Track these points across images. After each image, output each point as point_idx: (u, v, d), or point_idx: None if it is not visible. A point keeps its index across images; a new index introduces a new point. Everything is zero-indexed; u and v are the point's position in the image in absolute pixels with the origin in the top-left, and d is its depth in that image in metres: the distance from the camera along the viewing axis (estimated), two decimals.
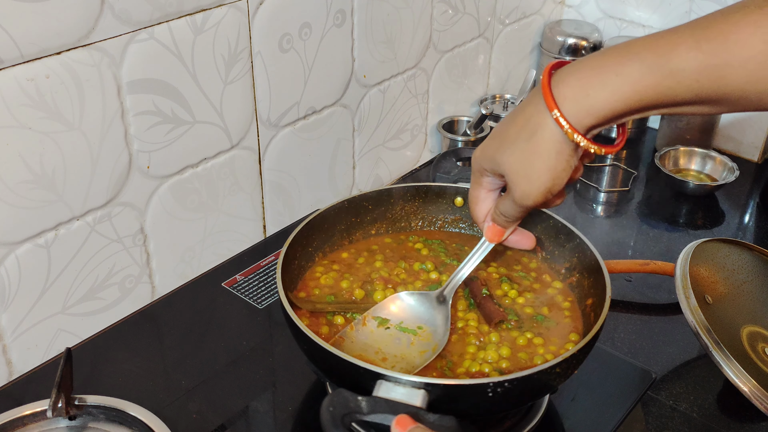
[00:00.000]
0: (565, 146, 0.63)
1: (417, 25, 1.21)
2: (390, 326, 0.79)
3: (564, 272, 0.87)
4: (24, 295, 0.85)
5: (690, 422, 0.84)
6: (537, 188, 0.66)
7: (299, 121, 1.09)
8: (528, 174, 0.65)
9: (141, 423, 0.75)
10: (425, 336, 0.78)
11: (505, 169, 0.67)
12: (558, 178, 0.65)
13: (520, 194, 0.67)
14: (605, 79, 0.60)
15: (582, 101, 0.61)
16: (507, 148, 0.66)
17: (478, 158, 0.71)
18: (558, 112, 0.61)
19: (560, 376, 0.70)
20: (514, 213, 0.72)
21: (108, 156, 0.86)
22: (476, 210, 0.76)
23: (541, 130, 0.63)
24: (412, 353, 0.76)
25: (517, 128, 0.65)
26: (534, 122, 0.63)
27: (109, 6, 0.80)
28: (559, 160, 0.64)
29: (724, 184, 1.26)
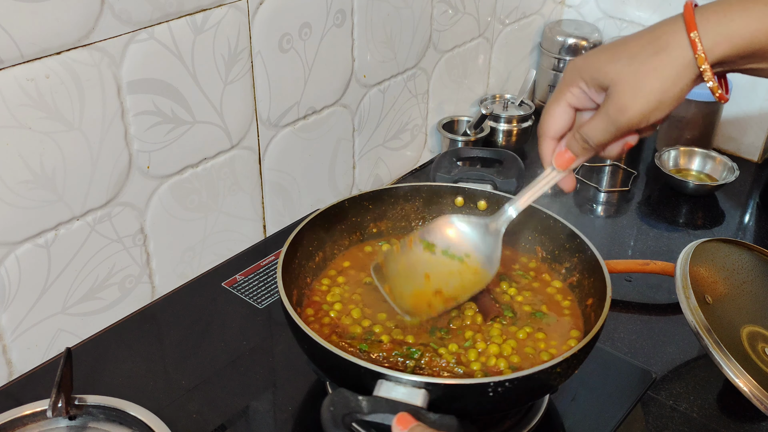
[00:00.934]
0: (689, 72, 0.61)
1: (417, 25, 1.21)
2: (436, 251, 0.75)
3: (564, 272, 0.87)
4: (24, 294, 0.85)
5: (690, 422, 0.84)
6: (640, 105, 0.62)
7: (299, 121, 1.09)
8: (638, 87, 0.62)
9: (141, 423, 0.75)
10: (472, 264, 0.74)
11: (613, 78, 0.63)
12: (666, 103, 0.62)
13: (621, 106, 0.63)
14: (752, 7, 0.59)
15: (725, 25, 0.59)
16: (623, 60, 0.63)
17: (578, 66, 0.66)
18: (696, 34, 0.59)
19: (560, 376, 0.70)
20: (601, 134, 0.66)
21: (108, 156, 0.86)
22: (548, 125, 0.70)
23: (670, 49, 0.61)
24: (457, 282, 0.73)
25: (642, 43, 0.62)
26: (665, 39, 0.61)
27: (109, 6, 0.80)
28: (675, 85, 0.61)
29: (724, 184, 1.26)
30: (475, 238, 0.77)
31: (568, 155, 0.70)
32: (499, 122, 1.37)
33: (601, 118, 0.65)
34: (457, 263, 0.75)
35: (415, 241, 0.76)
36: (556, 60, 1.47)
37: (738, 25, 0.59)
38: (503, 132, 1.38)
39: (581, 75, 0.66)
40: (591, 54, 0.66)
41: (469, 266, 0.75)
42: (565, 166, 0.71)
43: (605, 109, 0.65)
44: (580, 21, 1.52)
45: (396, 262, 0.75)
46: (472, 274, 0.75)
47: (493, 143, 1.38)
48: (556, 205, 1.27)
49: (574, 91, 0.67)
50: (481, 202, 0.93)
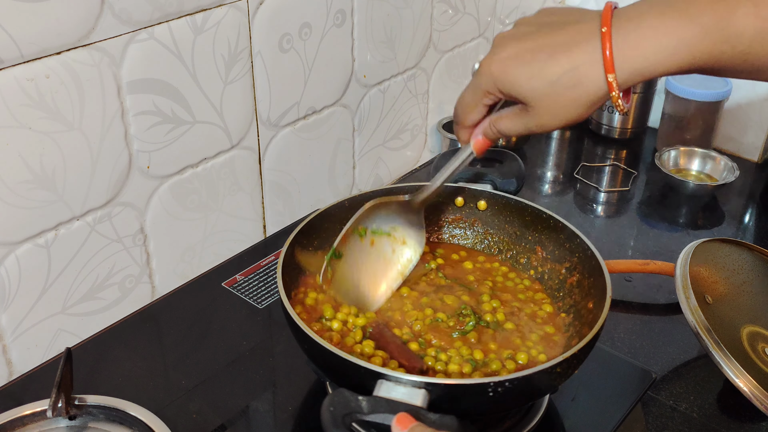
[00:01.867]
0: (602, 101, 0.63)
1: (417, 25, 1.21)
2: (365, 233, 0.81)
3: (564, 272, 0.87)
4: (24, 295, 0.85)
5: (690, 422, 0.84)
6: (557, 124, 0.66)
7: (299, 121, 1.09)
8: (557, 113, 0.65)
9: (141, 423, 0.75)
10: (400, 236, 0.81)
11: (531, 101, 0.65)
12: (576, 122, 0.65)
13: (539, 124, 0.66)
14: (665, 41, 0.59)
15: (639, 62, 0.60)
16: (541, 85, 0.64)
17: (495, 76, 0.67)
18: (614, 77, 0.61)
19: (560, 376, 0.70)
20: (515, 132, 0.70)
21: (108, 156, 0.86)
22: (467, 117, 0.73)
23: (588, 84, 0.62)
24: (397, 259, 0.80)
25: (560, 69, 0.63)
26: (583, 72, 0.62)
27: (109, 6, 0.80)
28: (590, 110, 0.64)
29: (724, 184, 1.26)
30: (398, 214, 0.83)
31: (484, 140, 0.74)
32: None
33: (519, 123, 0.69)
34: (386, 237, 0.81)
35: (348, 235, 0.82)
36: None
37: (651, 61, 0.60)
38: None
39: (497, 86, 0.67)
40: (507, 63, 0.66)
41: (396, 238, 0.81)
42: (483, 150, 0.76)
43: (523, 120, 0.68)
44: None
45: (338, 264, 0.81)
46: (402, 245, 0.81)
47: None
48: (555, 204, 1.27)
49: (490, 97, 0.70)
50: (481, 202, 0.93)
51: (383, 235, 0.81)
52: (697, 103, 1.33)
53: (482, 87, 0.69)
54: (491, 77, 0.67)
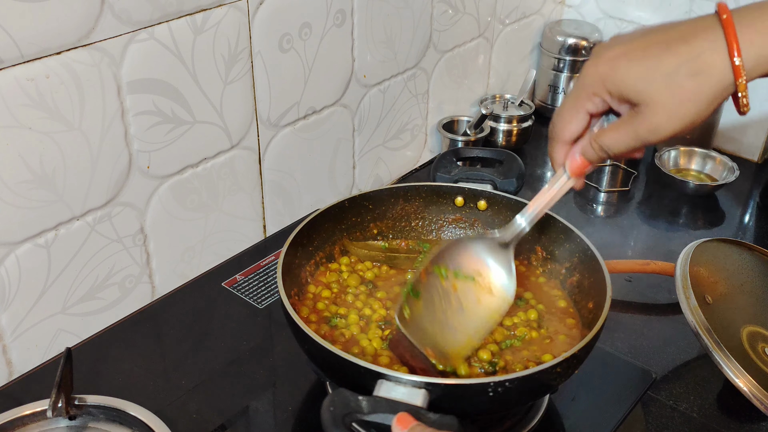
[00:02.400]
0: (726, 93, 0.59)
1: (417, 25, 1.21)
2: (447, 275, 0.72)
3: (564, 272, 0.87)
4: (24, 294, 0.85)
5: (690, 422, 0.84)
6: (674, 127, 0.60)
7: (299, 121, 1.09)
8: (675, 111, 0.59)
9: (141, 423, 0.75)
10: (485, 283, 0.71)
11: (646, 99, 0.60)
12: (696, 124, 0.60)
13: (653, 127, 0.60)
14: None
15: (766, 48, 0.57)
16: (658, 79, 0.59)
17: (603, 75, 0.62)
18: (741, 60, 0.56)
19: (560, 376, 0.70)
20: (624, 146, 0.63)
21: (108, 156, 0.86)
22: (565, 129, 0.67)
23: (712, 72, 0.58)
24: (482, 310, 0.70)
25: (678, 59, 0.58)
26: (705, 60, 0.58)
27: (109, 6, 0.80)
28: (711, 106, 0.59)
29: (724, 184, 1.26)
30: (485, 254, 0.74)
31: (582, 161, 0.68)
32: (499, 122, 1.37)
33: (627, 133, 0.62)
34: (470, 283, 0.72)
35: (427, 272, 0.72)
36: (556, 60, 1.47)
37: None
38: (503, 132, 1.38)
39: (606, 85, 0.62)
40: (617, 62, 0.61)
41: (482, 285, 0.72)
42: (580, 173, 0.69)
43: (633, 127, 0.62)
44: (581, 21, 1.52)
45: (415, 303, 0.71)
46: (488, 294, 0.71)
47: (493, 143, 1.38)
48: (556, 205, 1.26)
49: (596, 100, 0.64)
50: (481, 201, 0.93)
51: (467, 280, 0.72)
52: None
53: (587, 89, 0.64)
54: (598, 77, 0.62)
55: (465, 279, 0.72)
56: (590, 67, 0.63)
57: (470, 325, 0.70)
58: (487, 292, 0.71)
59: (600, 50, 0.63)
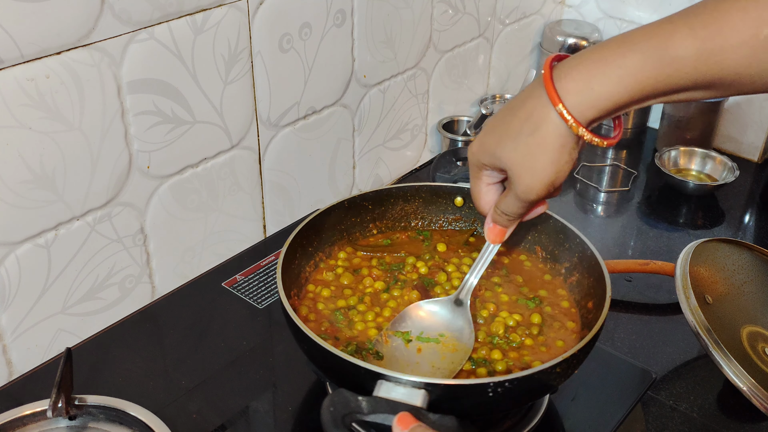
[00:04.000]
0: (569, 139, 0.63)
1: (417, 25, 1.21)
2: (411, 338, 0.78)
3: (564, 272, 0.87)
4: (24, 295, 0.85)
5: (690, 422, 0.84)
6: (541, 181, 0.66)
7: (299, 121, 1.09)
8: (532, 168, 0.65)
9: (141, 423, 0.75)
10: (449, 342, 0.77)
11: (507, 164, 0.67)
12: (561, 171, 0.66)
13: (524, 188, 0.67)
14: (608, 71, 0.60)
15: (586, 94, 0.61)
16: (509, 143, 0.66)
17: (476, 153, 0.71)
18: (562, 107, 0.62)
19: (560, 376, 0.70)
20: (516, 209, 0.72)
21: (108, 156, 0.86)
22: (481, 204, 0.75)
23: (545, 125, 0.63)
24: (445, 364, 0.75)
25: (519, 122, 0.65)
26: (537, 116, 0.64)
27: (109, 6, 0.80)
28: (562, 153, 0.64)
29: (724, 184, 1.26)
30: (445, 315, 0.80)
31: (498, 229, 0.75)
32: None
33: (512, 197, 0.70)
34: (434, 344, 0.77)
35: (389, 336, 0.78)
36: None
37: (599, 92, 0.61)
38: None
39: (482, 161, 0.70)
40: (482, 139, 0.69)
41: (446, 345, 0.77)
42: (500, 239, 0.76)
43: (513, 191, 0.69)
44: (580, 21, 1.52)
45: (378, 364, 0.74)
46: (451, 351, 0.76)
47: None
48: (556, 205, 1.27)
49: (484, 174, 0.72)
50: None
51: (431, 342, 0.77)
52: (697, 103, 1.32)
53: (473, 167, 0.72)
54: (474, 156, 0.71)
55: (429, 341, 0.77)
56: (471, 147, 0.71)
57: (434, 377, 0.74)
58: (451, 351, 0.76)
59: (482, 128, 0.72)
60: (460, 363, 0.75)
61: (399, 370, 0.69)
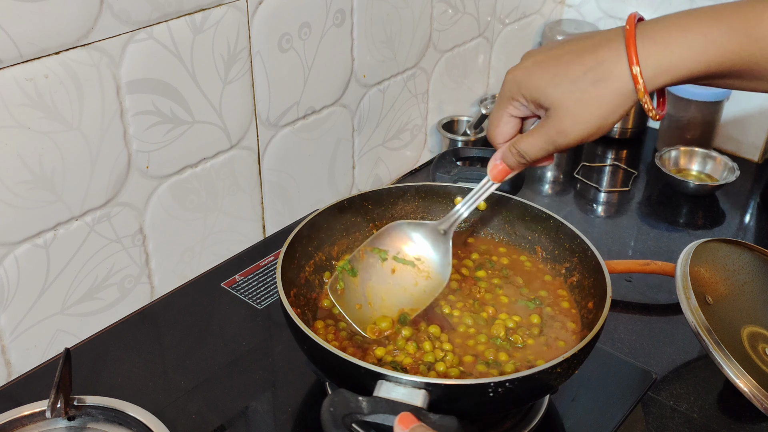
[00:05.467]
0: (629, 100, 0.62)
1: (417, 24, 1.21)
2: (388, 257, 0.77)
3: (564, 272, 0.87)
4: (23, 295, 0.85)
5: (690, 423, 0.84)
6: (581, 131, 0.64)
7: (299, 121, 1.09)
8: (579, 116, 0.64)
9: (140, 423, 0.75)
10: (424, 269, 0.76)
11: (553, 103, 0.65)
12: (603, 128, 0.64)
13: (560, 130, 0.65)
14: (692, 38, 0.59)
15: (665, 58, 0.60)
16: (564, 84, 0.64)
17: (518, 81, 0.67)
18: (639, 69, 0.60)
19: (561, 376, 0.70)
20: (538, 151, 0.68)
21: (107, 156, 0.86)
22: (495, 133, 0.72)
23: (612, 79, 0.62)
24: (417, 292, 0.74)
25: (583, 67, 0.63)
26: (606, 68, 0.62)
27: (108, 6, 0.80)
28: (615, 113, 0.63)
29: (724, 184, 1.26)
30: (425, 240, 0.79)
31: (503, 167, 0.73)
32: None
33: (540, 137, 0.67)
34: (409, 267, 0.76)
35: (366, 251, 0.77)
36: None
37: (678, 57, 0.60)
38: None
39: (521, 91, 0.67)
40: (531, 68, 0.67)
41: (420, 270, 0.76)
42: (501, 178, 0.74)
43: (545, 130, 0.66)
44: (581, 21, 1.52)
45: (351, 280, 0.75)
46: (425, 278, 0.76)
47: None
48: (556, 205, 1.27)
49: (515, 104, 0.69)
50: (481, 202, 0.93)
51: (407, 265, 0.77)
52: (697, 103, 1.32)
53: (506, 94, 0.69)
54: (515, 83, 0.67)
55: (405, 263, 0.76)
56: (509, 74, 0.69)
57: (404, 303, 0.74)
58: (425, 277, 0.75)
59: (524, 57, 0.68)
60: (431, 295, 0.74)
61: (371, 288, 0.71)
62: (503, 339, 0.78)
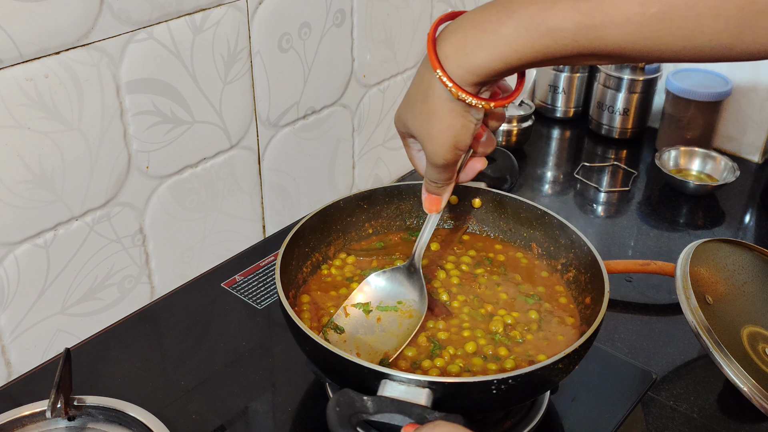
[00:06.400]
0: (455, 104, 0.63)
1: (417, 24, 1.21)
2: (372, 308, 0.80)
3: (561, 268, 0.87)
4: (23, 295, 0.85)
5: (690, 423, 0.84)
6: (441, 146, 0.66)
7: (299, 121, 1.09)
8: (430, 135, 0.66)
9: (140, 424, 0.75)
10: (407, 309, 0.79)
11: (413, 132, 0.68)
12: (460, 135, 0.65)
13: (429, 154, 0.68)
14: (482, 38, 0.60)
15: (462, 60, 0.61)
16: (409, 110, 0.67)
17: (397, 122, 0.72)
18: (441, 71, 0.62)
19: (563, 372, 0.70)
20: (435, 175, 0.72)
21: (107, 156, 0.86)
22: (419, 170, 0.76)
23: (432, 90, 0.64)
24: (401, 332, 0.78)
25: (415, 88, 0.66)
26: (426, 82, 0.64)
27: (108, 5, 0.80)
28: (454, 117, 0.64)
29: (724, 184, 1.26)
30: (400, 284, 0.82)
31: (432, 197, 0.76)
32: None
33: (428, 165, 0.71)
34: (393, 312, 0.80)
35: (349, 308, 0.80)
36: None
37: (474, 59, 0.61)
38: (503, 132, 1.38)
39: (398, 127, 0.72)
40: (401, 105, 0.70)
41: (403, 312, 0.79)
42: (436, 208, 0.77)
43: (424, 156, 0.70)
44: None
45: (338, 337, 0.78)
46: (408, 318, 0.79)
47: None
48: (555, 203, 1.27)
49: (409, 141, 0.73)
50: (476, 199, 0.93)
51: (390, 311, 0.80)
52: (697, 103, 1.32)
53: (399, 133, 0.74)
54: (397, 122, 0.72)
55: (388, 310, 0.80)
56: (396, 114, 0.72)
57: (389, 346, 0.76)
58: (407, 317, 0.79)
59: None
60: (414, 328, 0.77)
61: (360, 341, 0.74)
62: (502, 334, 0.79)
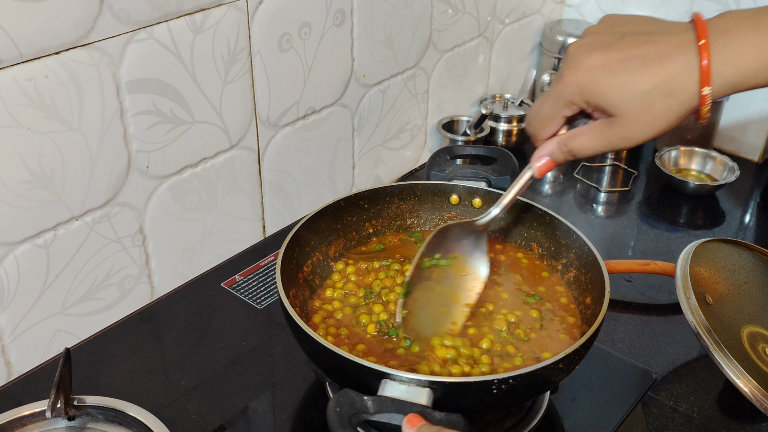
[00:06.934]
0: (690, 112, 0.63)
1: (417, 24, 1.21)
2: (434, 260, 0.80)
3: (561, 268, 0.87)
4: (23, 295, 0.85)
5: (690, 423, 0.84)
6: (644, 137, 0.64)
7: (299, 121, 1.09)
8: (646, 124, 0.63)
9: (140, 423, 0.75)
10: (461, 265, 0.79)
11: (621, 112, 0.63)
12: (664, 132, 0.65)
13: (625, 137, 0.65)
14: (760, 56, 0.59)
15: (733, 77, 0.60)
16: (634, 96, 0.62)
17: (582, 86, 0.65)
18: (709, 89, 0.60)
19: (563, 372, 0.70)
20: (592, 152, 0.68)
21: (107, 156, 0.86)
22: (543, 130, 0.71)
23: (681, 95, 0.61)
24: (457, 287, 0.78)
25: (654, 80, 0.62)
26: (677, 84, 0.61)
27: (108, 5, 0.80)
28: (678, 121, 0.63)
29: (724, 184, 1.26)
30: (461, 238, 0.81)
31: (549, 162, 0.72)
32: (499, 122, 1.37)
33: (599, 139, 0.66)
34: (449, 268, 0.79)
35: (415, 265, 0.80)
36: (556, 60, 1.47)
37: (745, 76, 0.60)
38: (503, 132, 1.38)
39: (584, 97, 0.65)
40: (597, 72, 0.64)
41: (458, 268, 0.79)
42: (545, 173, 0.74)
43: (606, 134, 0.65)
44: (581, 21, 1.52)
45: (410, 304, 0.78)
46: (463, 275, 0.78)
47: (493, 143, 1.38)
48: (556, 205, 1.27)
49: (573, 108, 0.67)
50: (476, 199, 0.94)
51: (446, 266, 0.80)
52: None
53: (565, 97, 0.67)
54: (578, 87, 0.65)
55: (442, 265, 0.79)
56: (570, 76, 0.65)
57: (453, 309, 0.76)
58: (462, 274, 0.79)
59: (577, 55, 0.65)
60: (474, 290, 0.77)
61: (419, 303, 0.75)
62: (506, 332, 0.79)
